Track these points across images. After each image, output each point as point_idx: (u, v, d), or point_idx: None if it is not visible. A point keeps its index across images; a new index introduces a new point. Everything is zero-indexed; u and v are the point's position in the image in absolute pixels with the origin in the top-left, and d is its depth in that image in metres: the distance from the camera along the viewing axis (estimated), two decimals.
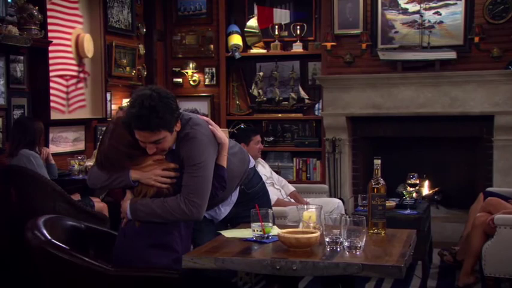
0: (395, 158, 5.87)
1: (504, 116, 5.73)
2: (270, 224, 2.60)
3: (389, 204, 4.37)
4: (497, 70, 5.74)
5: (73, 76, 5.62)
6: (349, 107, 6.16)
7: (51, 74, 5.23)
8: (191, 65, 6.88)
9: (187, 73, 6.92)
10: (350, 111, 6.16)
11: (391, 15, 6.09)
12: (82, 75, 5.75)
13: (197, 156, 2.68)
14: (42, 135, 4.70)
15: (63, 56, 5.48)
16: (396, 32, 6.08)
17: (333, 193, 6.18)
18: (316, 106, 6.61)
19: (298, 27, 6.58)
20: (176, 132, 2.70)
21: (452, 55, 5.81)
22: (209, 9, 6.89)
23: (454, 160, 6.37)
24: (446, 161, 6.37)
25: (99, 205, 4.62)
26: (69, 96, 5.56)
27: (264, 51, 6.74)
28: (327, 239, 2.43)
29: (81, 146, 5.72)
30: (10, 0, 4.68)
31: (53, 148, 5.29)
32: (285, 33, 6.69)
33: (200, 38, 6.96)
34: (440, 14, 5.94)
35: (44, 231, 2.63)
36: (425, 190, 6.22)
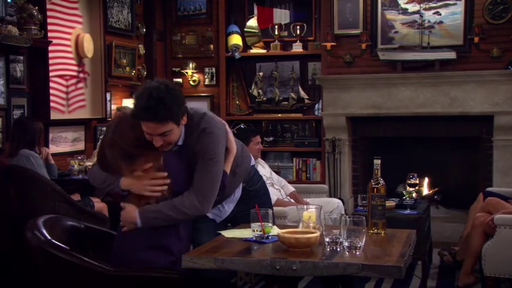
0: (395, 158, 5.85)
1: (504, 116, 5.73)
2: (270, 224, 2.60)
3: (389, 204, 4.37)
4: (497, 70, 5.75)
5: (73, 76, 5.62)
6: (349, 107, 6.16)
7: (51, 74, 5.23)
8: (191, 65, 6.87)
9: (187, 73, 6.92)
10: (350, 111, 6.16)
11: (391, 15, 6.09)
12: (82, 75, 5.75)
13: (213, 150, 2.72)
14: (42, 135, 4.70)
15: (63, 56, 5.48)
16: (396, 32, 6.08)
17: (333, 193, 6.18)
18: (316, 106, 6.61)
19: (298, 27, 6.58)
20: (183, 126, 2.72)
21: (452, 55, 5.81)
22: (209, 9, 6.89)
23: (454, 160, 6.36)
24: (446, 161, 6.36)
25: (99, 205, 4.62)
26: (69, 96, 5.56)
27: (264, 51, 6.74)
28: (327, 239, 2.43)
29: (80, 146, 5.72)
30: (10, 0, 4.68)
31: (53, 148, 5.30)
32: (285, 33, 6.69)
33: (200, 38, 6.95)
34: (440, 14, 5.94)
35: (44, 231, 2.63)
36: (425, 190, 6.20)
